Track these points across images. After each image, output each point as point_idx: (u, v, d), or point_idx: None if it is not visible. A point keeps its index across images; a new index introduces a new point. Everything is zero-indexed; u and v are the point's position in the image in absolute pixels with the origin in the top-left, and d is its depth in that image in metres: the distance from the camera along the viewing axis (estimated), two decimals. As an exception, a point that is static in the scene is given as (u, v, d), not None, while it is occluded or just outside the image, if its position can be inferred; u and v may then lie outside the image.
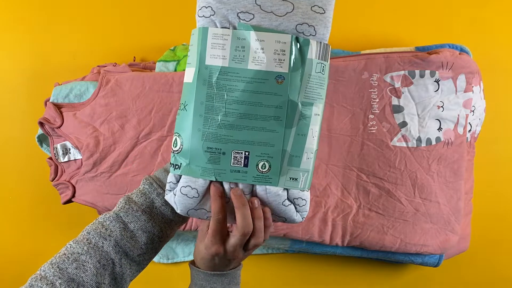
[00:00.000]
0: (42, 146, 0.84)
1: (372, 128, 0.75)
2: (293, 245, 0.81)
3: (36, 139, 0.82)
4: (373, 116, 0.75)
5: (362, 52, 0.79)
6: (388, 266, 0.91)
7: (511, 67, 0.90)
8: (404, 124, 0.74)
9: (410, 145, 0.75)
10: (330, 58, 0.73)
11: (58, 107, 0.79)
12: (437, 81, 0.73)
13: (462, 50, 0.77)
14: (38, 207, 0.93)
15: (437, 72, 0.72)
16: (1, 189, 0.93)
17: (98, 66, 0.85)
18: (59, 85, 0.81)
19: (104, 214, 0.55)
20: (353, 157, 0.76)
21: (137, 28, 0.90)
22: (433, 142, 0.75)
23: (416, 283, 0.92)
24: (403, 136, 0.75)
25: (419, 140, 0.75)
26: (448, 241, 0.77)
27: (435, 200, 0.76)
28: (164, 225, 0.57)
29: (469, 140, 0.80)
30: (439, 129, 0.75)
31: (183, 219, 0.59)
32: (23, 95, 0.91)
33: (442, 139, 0.75)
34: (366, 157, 0.76)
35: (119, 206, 0.56)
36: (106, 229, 0.53)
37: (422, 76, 0.73)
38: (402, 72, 0.73)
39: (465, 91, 0.74)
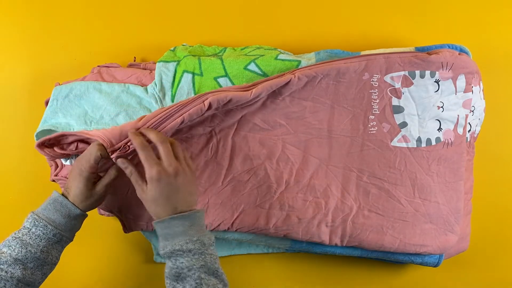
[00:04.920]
0: (41, 146, 0.84)
1: (372, 129, 0.75)
2: (293, 244, 0.81)
3: (35, 138, 0.82)
4: (373, 116, 0.75)
5: (362, 52, 0.79)
6: (388, 266, 0.91)
7: (511, 67, 0.90)
8: (404, 124, 0.74)
9: (410, 146, 0.75)
10: (332, 61, 0.73)
11: None
12: (437, 82, 0.73)
13: (461, 51, 0.77)
14: (37, 207, 0.93)
15: (437, 72, 0.73)
16: (1, 189, 0.93)
17: (98, 66, 0.85)
18: (59, 85, 0.81)
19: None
20: (353, 158, 0.76)
21: (137, 28, 0.90)
22: (433, 143, 0.75)
23: (416, 283, 0.92)
24: (403, 136, 0.75)
25: (419, 140, 0.75)
26: (447, 241, 0.78)
27: (435, 201, 0.76)
28: (59, 253, 0.66)
29: (468, 140, 0.80)
30: (439, 129, 0.75)
31: (71, 240, 0.68)
32: (23, 95, 0.91)
33: (442, 140, 0.75)
34: (366, 157, 0.76)
35: (15, 251, 0.60)
36: (6, 272, 0.58)
37: (422, 76, 0.73)
38: (402, 73, 0.73)
39: (464, 91, 0.75)
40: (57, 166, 0.80)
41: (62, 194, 0.66)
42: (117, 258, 0.94)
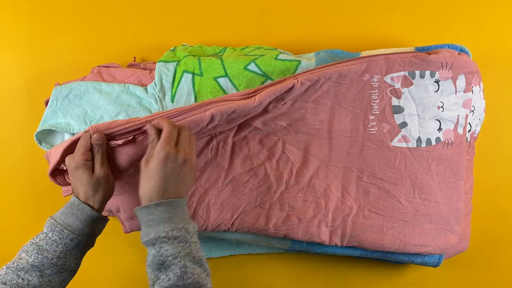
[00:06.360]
0: (41, 145, 0.84)
1: (372, 129, 0.75)
2: (294, 245, 0.81)
3: (35, 137, 0.82)
4: (373, 117, 0.75)
5: (362, 53, 0.78)
6: (388, 266, 0.91)
7: (511, 67, 0.90)
8: (404, 124, 0.74)
9: (410, 146, 0.75)
10: (334, 63, 0.73)
11: None
12: (437, 82, 0.73)
13: (461, 50, 0.77)
14: (38, 207, 0.93)
15: (437, 72, 0.72)
16: (1, 189, 0.93)
17: (98, 66, 0.85)
18: (59, 85, 0.81)
19: (16, 263, 0.59)
20: (353, 158, 0.76)
21: (137, 28, 0.90)
22: (433, 143, 0.75)
23: (416, 283, 0.92)
24: (403, 136, 0.75)
25: (419, 140, 0.75)
26: (447, 241, 0.78)
27: (435, 201, 0.76)
28: (78, 259, 0.64)
29: (468, 140, 0.80)
30: (439, 129, 0.75)
31: (91, 245, 0.67)
32: (23, 95, 0.91)
33: (442, 140, 0.75)
34: (366, 158, 0.76)
35: (32, 257, 0.59)
36: (22, 279, 0.57)
37: (422, 76, 0.73)
38: (402, 73, 0.73)
39: (464, 91, 0.74)
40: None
41: (76, 197, 0.65)
42: (117, 258, 0.94)
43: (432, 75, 0.73)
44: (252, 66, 0.76)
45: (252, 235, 0.80)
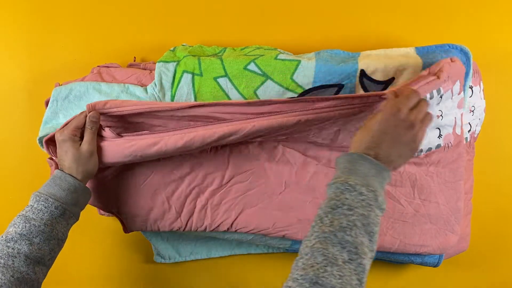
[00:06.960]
0: (43, 147, 0.84)
1: None
2: (294, 244, 0.81)
3: (38, 141, 0.82)
4: None
5: (362, 52, 0.78)
6: (388, 266, 0.91)
7: (511, 67, 0.90)
8: None
9: None
10: (352, 98, 0.66)
11: None
12: (441, 96, 0.70)
13: (461, 50, 0.76)
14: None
15: (441, 88, 0.69)
16: (1, 189, 0.93)
17: (98, 66, 0.85)
18: (59, 85, 0.81)
19: (5, 236, 0.60)
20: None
21: (137, 28, 0.90)
22: (434, 149, 0.74)
23: (416, 283, 0.92)
24: None
25: (420, 151, 0.74)
26: (447, 241, 0.77)
27: (435, 201, 0.76)
28: (64, 229, 0.66)
29: (468, 140, 0.80)
30: (439, 136, 0.74)
31: (77, 218, 0.69)
32: (23, 95, 0.91)
33: (442, 145, 0.74)
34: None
35: (20, 227, 0.61)
36: (13, 249, 0.58)
37: (431, 97, 0.69)
38: None
39: (458, 94, 0.74)
40: (57, 166, 0.80)
41: (60, 170, 0.68)
42: (117, 258, 0.94)
43: (438, 92, 0.69)
44: (252, 66, 0.76)
45: (252, 235, 0.80)
